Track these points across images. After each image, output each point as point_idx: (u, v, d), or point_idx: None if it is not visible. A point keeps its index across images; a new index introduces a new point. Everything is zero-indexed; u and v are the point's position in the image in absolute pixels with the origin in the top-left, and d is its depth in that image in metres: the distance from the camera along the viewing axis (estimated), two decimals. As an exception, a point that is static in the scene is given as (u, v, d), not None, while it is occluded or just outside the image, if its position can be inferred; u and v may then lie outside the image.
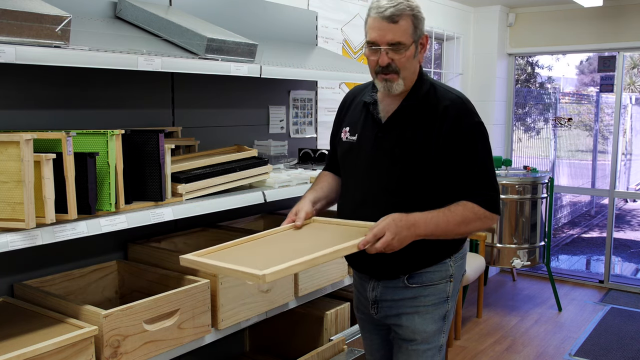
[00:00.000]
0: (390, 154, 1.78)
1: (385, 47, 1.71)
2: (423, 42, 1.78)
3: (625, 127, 8.43)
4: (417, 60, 1.78)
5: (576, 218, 8.57)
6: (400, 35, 1.70)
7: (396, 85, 1.75)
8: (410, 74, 1.77)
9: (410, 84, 1.79)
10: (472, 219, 1.71)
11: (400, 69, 1.73)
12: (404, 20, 1.69)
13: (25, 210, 1.48)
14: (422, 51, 1.79)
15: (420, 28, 1.74)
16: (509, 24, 5.26)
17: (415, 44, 1.74)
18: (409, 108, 1.79)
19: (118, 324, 1.68)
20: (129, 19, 2.15)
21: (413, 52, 1.73)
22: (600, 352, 3.79)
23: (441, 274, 1.83)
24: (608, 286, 5.13)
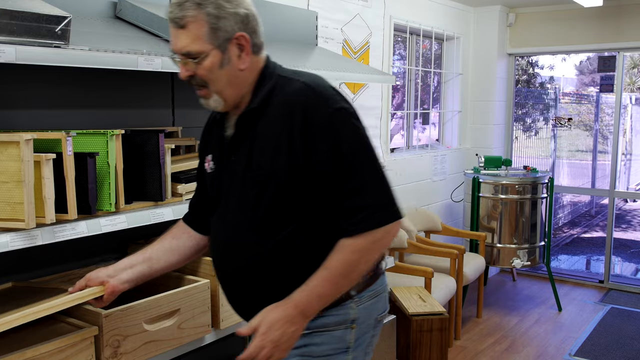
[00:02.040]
0: (242, 180, 1.41)
1: (180, 57, 1.38)
2: (240, 42, 1.37)
3: (625, 127, 8.43)
4: (232, 69, 1.37)
5: (576, 218, 8.57)
6: (189, 42, 1.34)
7: (213, 102, 1.42)
8: (223, 86, 1.39)
9: (234, 97, 1.41)
10: (359, 258, 1.35)
11: (206, 81, 1.38)
12: (192, 24, 1.33)
13: (25, 210, 1.48)
14: (245, 54, 1.38)
15: (224, 29, 1.34)
16: (509, 24, 5.26)
17: (222, 49, 1.35)
18: (249, 116, 1.41)
19: (118, 324, 1.68)
20: (129, 19, 2.15)
21: (218, 60, 1.35)
22: (600, 352, 3.79)
23: (338, 319, 1.42)
24: (608, 286, 5.13)
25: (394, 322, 2.92)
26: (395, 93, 4.81)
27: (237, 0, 1.38)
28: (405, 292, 3.37)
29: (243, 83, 1.41)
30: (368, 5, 3.84)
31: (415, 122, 4.87)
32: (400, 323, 3.13)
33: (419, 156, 4.60)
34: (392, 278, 3.64)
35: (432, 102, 4.89)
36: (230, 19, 1.35)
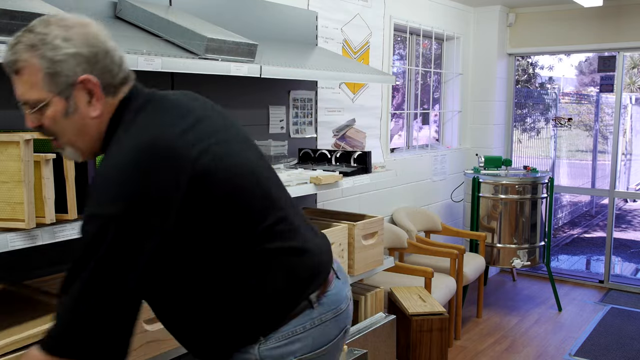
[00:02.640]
0: None
1: (23, 105, 1.23)
2: (87, 87, 1.19)
3: (625, 127, 8.43)
4: (79, 118, 1.21)
5: (576, 218, 8.57)
6: (26, 90, 1.19)
7: (69, 154, 1.28)
8: (75, 136, 1.23)
9: (88, 147, 1.26)
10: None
11: (54, 133, 1.23)
12: (27, 69, 1.16)
13: (25, 210, 1.48)
14: (96, 100, 1.21)
15: (64, 72, 1.16)
16: (509, 24, 5.26)
17: (64, 96, 1.18)
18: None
19: (118, 324, 1.68)
20: (129, 19, 2.15)
21: (60, 109, 1.19)
22: (600, 352, 3.79)
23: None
24: (608, 286, 5.13)
25: (394, 322, 2.92)
26: (395, 93, 4.81)
27: (78, 37, 1.18)
28: (405, 292, 3.37)
29: (98, 132, 1.25)
30: (368, 5, 3.84)
31: (415, 122, 4.87)
32: (400, 323, 3.13)
33: (419, 156, 4.60)
34: (392, 278, 3.64)
35: (432, 102, 4.89)
36: (71, 61, 1.17)
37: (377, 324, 2.79)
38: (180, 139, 1.20)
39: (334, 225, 2.63)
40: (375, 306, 3.00)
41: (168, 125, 1.22)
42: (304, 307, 1.35)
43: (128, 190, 1.12)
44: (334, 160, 2.92)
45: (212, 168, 1.21)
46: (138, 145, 1.16)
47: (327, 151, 2.95)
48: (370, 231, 2.77)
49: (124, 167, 1.14)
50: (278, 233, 1.33)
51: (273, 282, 1.31)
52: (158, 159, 1.15)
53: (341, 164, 2.91)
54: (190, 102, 1.34)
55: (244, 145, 1.37)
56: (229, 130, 1.36)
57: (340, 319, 1.43)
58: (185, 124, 1.24)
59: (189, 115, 1.27)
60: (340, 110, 3.64)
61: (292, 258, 1.34)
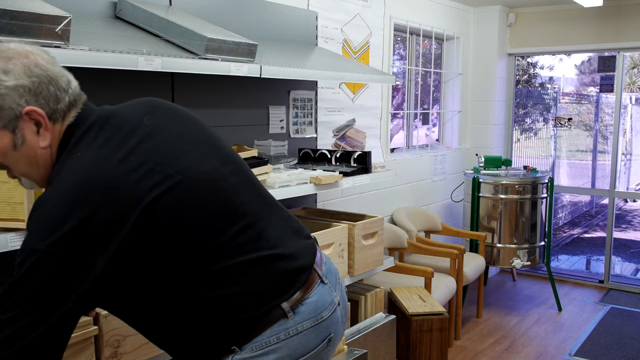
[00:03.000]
0: None
1: None
2: (34, 117, 1.17)
3: (625, 127, 8.43)
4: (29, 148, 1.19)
5: (576, 218, 8.57)
6: None
7: (25, 184, 1.28)
8: (27, 167, 1.22)
9: (42, 176, 1.25)
10: None
11: (7, 166, 1.23)
12: None
13: (25, 210, 1.48)
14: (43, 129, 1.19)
15: (6, 106, 1.15)
16: (509, 24, 5.26)
17: (10, 129, 1.17)
18: None
19: (118, 323, 1.68)
20: (129, 19, 2.15)
21: (9, 142, 1.17)
22: (600, 352, 3.79)
23: None
24: (608, 286, 5.13)
25: (394, 322, 2.92)
26: (395, 93, 4.81)
27: (18, 69, 1.16)
28: (405, 292, 3.37)
29: (51, 160, 1.23)
30: (368, 5, 3.84)
31: (415, 122, 4.87)
32: (400, 323, 3.13)
33: (419, 156, 4.60)
34: (392, 278, 3.65)
35: (432, 102, 4.89)
36: (12, 94, 1.15)
37: (377, 324, 2.79)
38: (119, 168, 1.17)
39: (334, 225, 2.63)
40: (375, 306, 3.00)
41: (108, 154, 1.19)
42: (278, 316, 1.30)
43: (65, 225, 1.10)
44: (334, 160, 2.93)
45: (154, 196, 1.17)
46: (76, 178, 1.15)
47: (327, 151, 2.95)
48: (370, 231, 2.77)
49: (60, 201, 1.12)
50: (239, 245, 1.27)
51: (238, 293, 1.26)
52: (96, 192, 1.13)
53: (341, 164, 2.91)
54: (141, 116, 1.29)
55: (205, 150, 1.31)
56: (186, 137, 1.30)
57: (321, 328, 1.37)
58: (127, 148, 1.20)
59: (133, 135, 1.23)
60: (340, 110, 3.64)
61: (256, 267, 1.29)
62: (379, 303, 3.03)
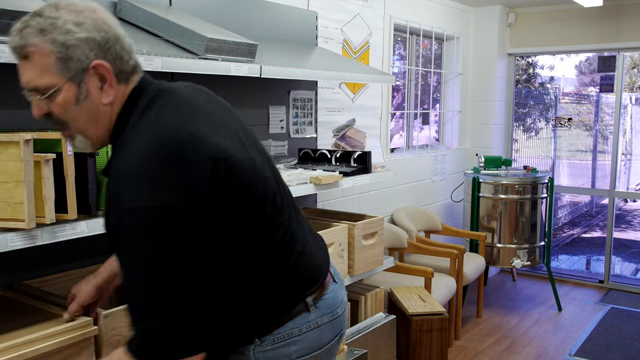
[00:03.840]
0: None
1: (30, 93, 1.19)
2: (99, 72, 1.17)
3: (625, 127, 8.43)
4: (91, 104, 1.19)
5: (576, 218, 8.57)
6: (36, 75, 1.15)
7: (80, 143, 1.24)
8: (86, 124, 1.20)
9: (100, 135, 1.23)
10: None
11: (64, 121, 1.20)
12: (37, 54, 1.13)
13: (25, 210, 1.48)
14: (108, 86, 1.19)
15: (76, 57, 1.14)
16: (509, 24, 5.26)
17: (76, 82, 1.16)
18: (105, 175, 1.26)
19: (118, 323, 1.68)
20: (129, 19, 2.15)
21: (72, 95, 1.16)
22: (600, 352, 3.79)
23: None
24: (608, 286, 5.13)
25: (394, 322, 2.92)
26: (395, 93, 4.81)
27: (90, 22, 1.16)
28: (405, 292, 3.37)
29: (110, 120, 1.23)
30: (368, 5, 3.84)
31: (415, 122, 4.87)
32: (400, 323, 3.13)
33: (419, 156, 4.60)
34: (392, 278, 3.65)
35: (432, 102, 4.89)
36: (83, 46, 1.15)
37: (377, 324, 2.79)
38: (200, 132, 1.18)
39: (334, 225, 2.63)
40: (375, 306, 3.00)
41: (186, 119, 1.20)
42: (301, 309, 1.34)
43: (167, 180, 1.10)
44: (334, 160, 2.92)
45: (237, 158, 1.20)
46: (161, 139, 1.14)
47: (327, 151, 2.95)
48: (370, 231, 2.77)
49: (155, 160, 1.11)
50: (280, 235, 1.32)
51: (271, 283, 1.30)
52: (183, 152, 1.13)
53: (341, 164, 2.91)
54: (197, 96, 1.31)
55: (245, 141, 1.32)
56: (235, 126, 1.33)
57: (336, 324, 1.41)
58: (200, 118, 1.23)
59: (198, 110, 1.25)
60: (340, 110, 3.64)
61: (291, 260, 1.33)
62: (379, 303, 3.03)
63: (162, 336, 1.10)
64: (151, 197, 1.08)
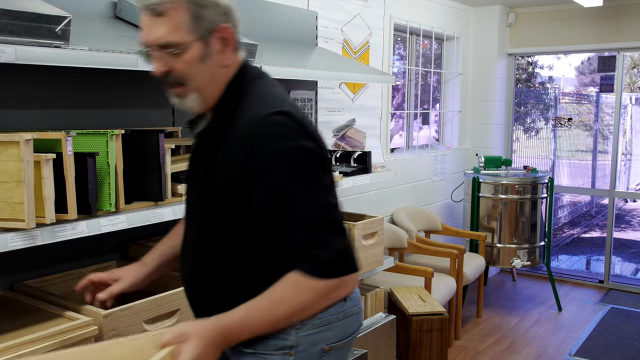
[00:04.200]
0: (194, 204, 1.38)
1: (156, 49, 1.26)
2: (223, 35, 1.27)
3: (625, 127, 8.43)
4: (213, 64, 1.28)
5: (576, 218, 8.57)
6: (169, 32, 1.22)
7: (191, 101, 1.31)
8: (204, 83, 1.28)
9: (211, 96, 1.31)
10: (310, 300, 1.25)
11: (184, 78, 1.27)
12: (173, 11, 1.22)
13: (25, 210, 1.48)
14: (227, 49, 1.29)
15: (207, 18, 1.24)
16: (509, 24, 5.25)
17: (204, 42, 1.25)
18: (209, 133, 1.34)
19: (118, 324, 1.68)
20: (129, 19, 2.15)
21: (199, 53, 1.25)
22: (600, 352, 3.79)
23: (276, 342, 1.34)
24: (608, 286, 5.13)
25: (394, 322, 2.92)
26: (395, 93, 4.81)
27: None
28: (405, 292, 3.37)
29: (219, 82, 1.31)
30: (368, 5, 3.84)
31: (415, 121, 4.87)
32: (400, 323, 3.13)
33: (419, 156, 4.60)
34: (392, 278, 3.64)
35: (432, 102, 4.89)
36: (214, 8, 1.25)
37: (377, 324, 2.79)
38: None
39: (334, 225, 2.62)
40: (375, 306, 3.00)
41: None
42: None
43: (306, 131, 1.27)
44: (334, 160, 2.92)
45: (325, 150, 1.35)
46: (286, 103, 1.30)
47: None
48: (370, 231, 2.77)
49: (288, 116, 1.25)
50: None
51: None
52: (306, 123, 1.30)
53: (341, 164, 2.90)
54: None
55: None
56: None
57: (360, 316, 1.47)
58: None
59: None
60: (340, 110, 3.64)
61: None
62: (379, 303, 3.03)
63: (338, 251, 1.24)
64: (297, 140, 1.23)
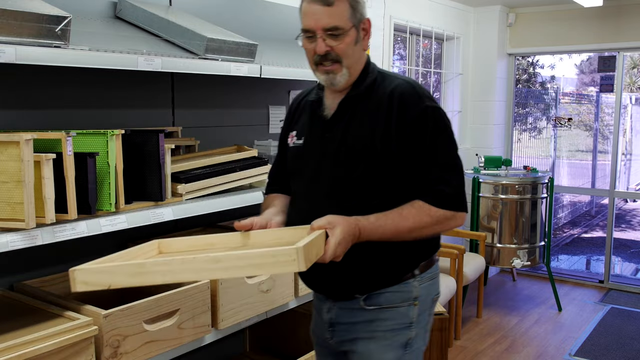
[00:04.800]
0: (335, 155, 1.59)
1: (322, 33, 1.52)
2: (365, 27, 1.60)
3: (625, 127, 8.43)
4: (360, 48, 1.60)
5: (576, 218, 8.57)
6: (336, 19, 1.52)
7: (340, 77, 1.57)
8: (354, 62, 1.58)
9: (355, 73, 1.60)
10: (428, 223, 1.51)
11: (342, 56, 1.55)
12: (339, 2, 1.52)
13: (25, 210, 1.48)
14: (366, 38, 1.61)
15: (359, 11, 1.57)
16: (509, 24, 5.25)
17: (356, 29, 1.56)
18: (353, 100, 1.60)
19: (118, 324, 1.68)
20: (129, 19, 2.15)
21: (354, 37, 1.55)
22: (600, 352, 3.79)
23: (402, 296, 1.60)
24: (608, 286, 5.13)
25: (394, 322, 2.92)
26: (395, 93, 4.80)
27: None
28: (405, 292, 3.37)
29: (361, 64, 1.61)
30: (368, 5, 3.83)
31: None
32: (400, 323, 3.13)
33: (419, 156, 4.59)
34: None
35: (432, 102, 4.88)
36: (362, 4, 1.58)
37: (377, 324, 2.79)
38: None
39: (334, 225, 2.62)
40: (375, 306, 3.00)
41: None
42: (437, 257, 1.72)
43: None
44: (334, 160, 2.93)
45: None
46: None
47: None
48: (370, 231, 2.77)
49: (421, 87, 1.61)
50: None
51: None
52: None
53: (341, 164, 2.90)
54: None
55: None
56: None
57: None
58: None
59: None
60: (340, 110, 3.64)
61: None
62: (379, 303, 3.03)
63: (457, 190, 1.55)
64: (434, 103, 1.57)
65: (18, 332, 1.58)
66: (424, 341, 1.67)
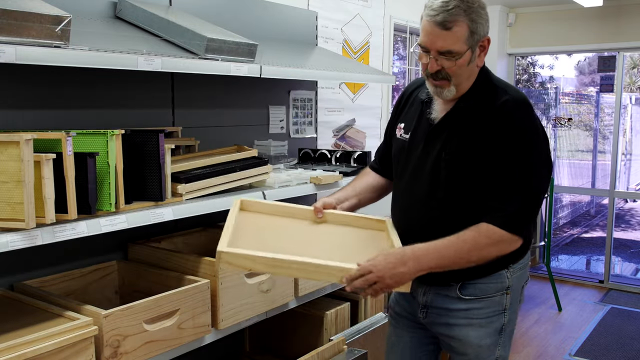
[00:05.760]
0: (437, 158, 1.67)
1: (435, 54, 1.58)
2: (484, 44, 1.61)
3: (625, 127, 8.43)
4: (473, 66, 1.62)
5: (576, 218, 8.57)
6: (452, 43, 1.55)
7: (447, 92, 1.63)
8: (463, 80, 1.63)
9: (464, 89, 1.65)
10: (485, 244, 1.56)
11: (452, 76, 1.60)
12: (457, 27, 1.54)
13: (25, 210, 1.48)
14: (483, 54, 1.63)
15: (478, 32, 1.57)
16: (509, 24, 5.26)
17: (472, 49, 1.58)
18: (463, 110, 1.65)
19: (118, 324, 1.68)
20: (129, 19, 2.15)
21: (467, 59, 1.58)
22: (600, 352, 3.79)
23: (496, 286, 1.73)
24: (608, 286, 5.13)
25: (394, 322, 2.91)
26: (396, 93, 4.81)
27: (486, 7, 1.59)
28: (405, 292, 3.36)
29: (471, 79, 1.65)
30: (368, 5, 3.84)
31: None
32: (400, 323, 3.13)
33: (419, 156, 4.59)
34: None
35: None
36: (484, 24, 1.58)
37: (377, 324, 2.79)
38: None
39: (334, 225, 2.62)
40: (375, 306, 3.00)
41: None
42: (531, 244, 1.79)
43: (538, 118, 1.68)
44: (334, 160, 2.92)
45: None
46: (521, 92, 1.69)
47: (327, 151, 2.95)
48: (370, 231, 2.77)
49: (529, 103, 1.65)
50: None
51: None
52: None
53: (341, 164, 2.90)
54: None
55: None
56: None
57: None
58: None
59: None
60: (340, 110, 3.64)
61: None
62: (379, 303, 3.03)
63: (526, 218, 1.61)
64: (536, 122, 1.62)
65: (18, 332, 1.58)
66: (514, 323, 1.82)
